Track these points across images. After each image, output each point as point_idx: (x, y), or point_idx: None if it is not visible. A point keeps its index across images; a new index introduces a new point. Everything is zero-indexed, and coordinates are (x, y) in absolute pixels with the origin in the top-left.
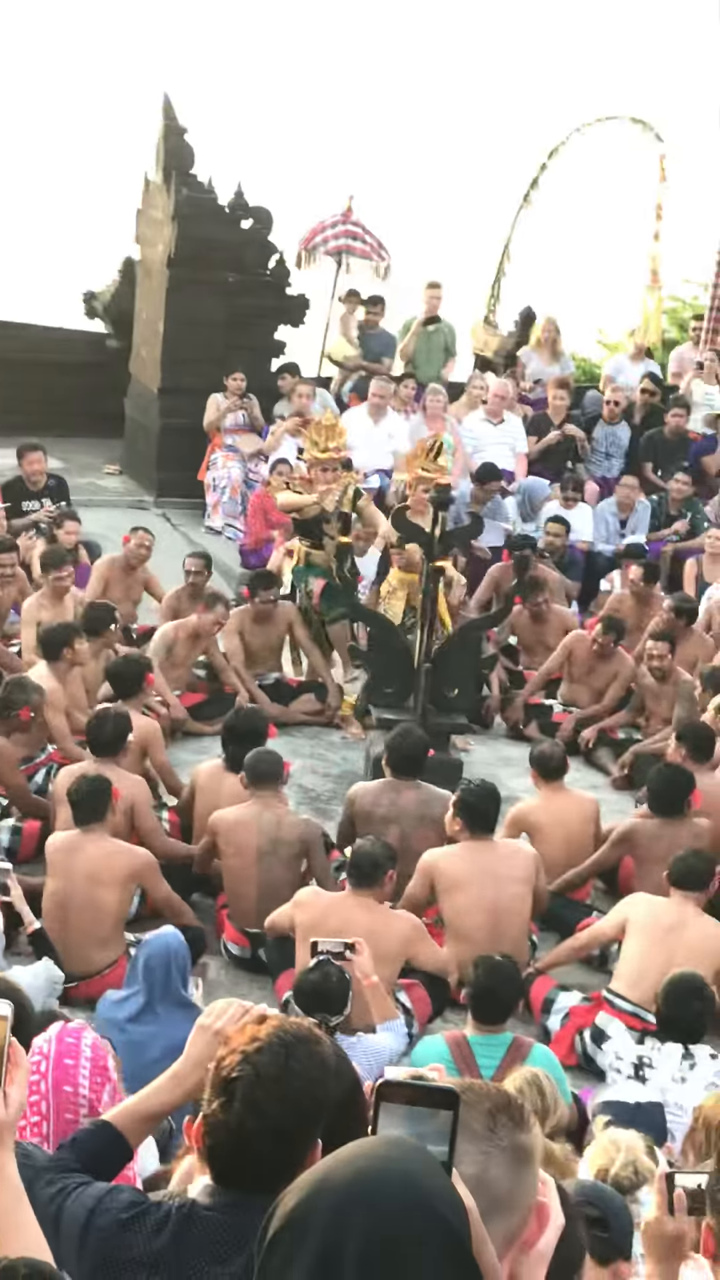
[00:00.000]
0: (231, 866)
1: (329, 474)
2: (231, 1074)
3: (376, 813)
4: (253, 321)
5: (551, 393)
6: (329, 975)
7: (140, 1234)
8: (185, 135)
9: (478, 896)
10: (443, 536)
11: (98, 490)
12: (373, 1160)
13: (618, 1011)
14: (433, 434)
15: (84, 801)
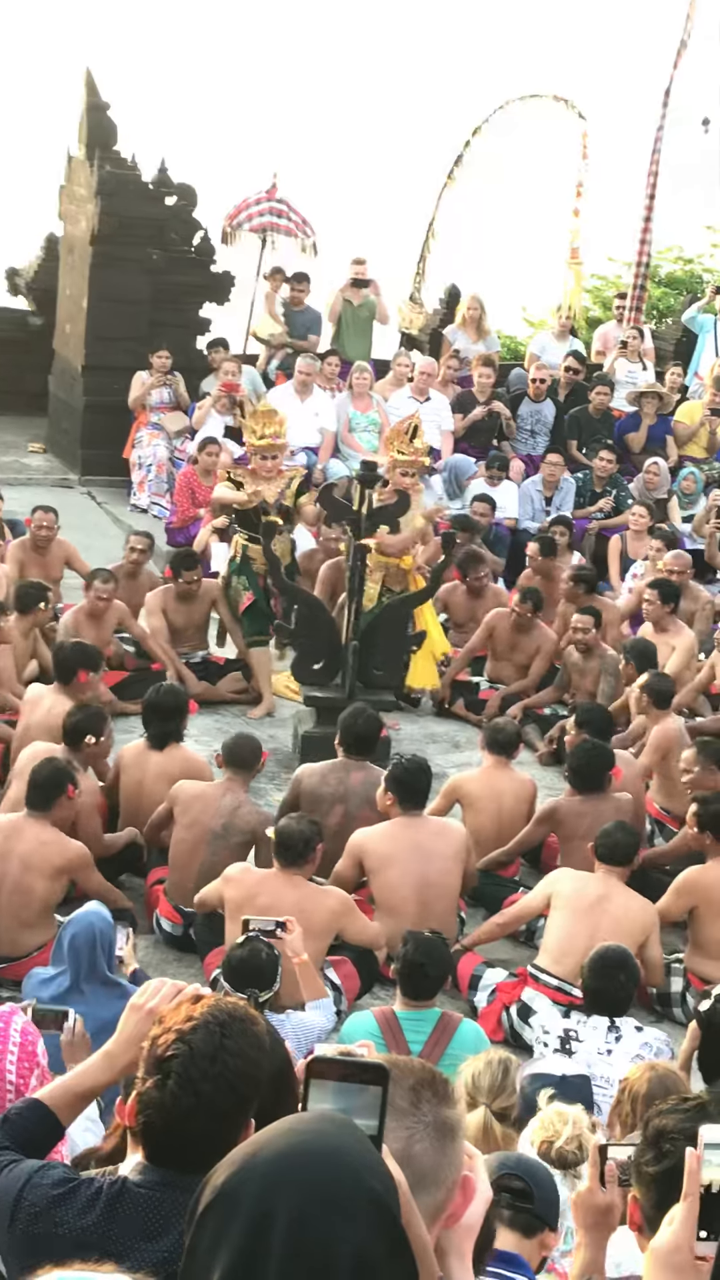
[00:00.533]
0: (181, 839)
1: (268, 461)
2: (166, 1052)
3: (323, 791)
4: (178, 299)
5: (476, 370)
6: (257, 951)
7: (70, 1210)
8: (108, 111)
9: (405, 871)
10: (370, 514)
11: (22, 469)
12: (302, 1135)
13: (543, 986)
14: (408, 417)
15: (40, 785)
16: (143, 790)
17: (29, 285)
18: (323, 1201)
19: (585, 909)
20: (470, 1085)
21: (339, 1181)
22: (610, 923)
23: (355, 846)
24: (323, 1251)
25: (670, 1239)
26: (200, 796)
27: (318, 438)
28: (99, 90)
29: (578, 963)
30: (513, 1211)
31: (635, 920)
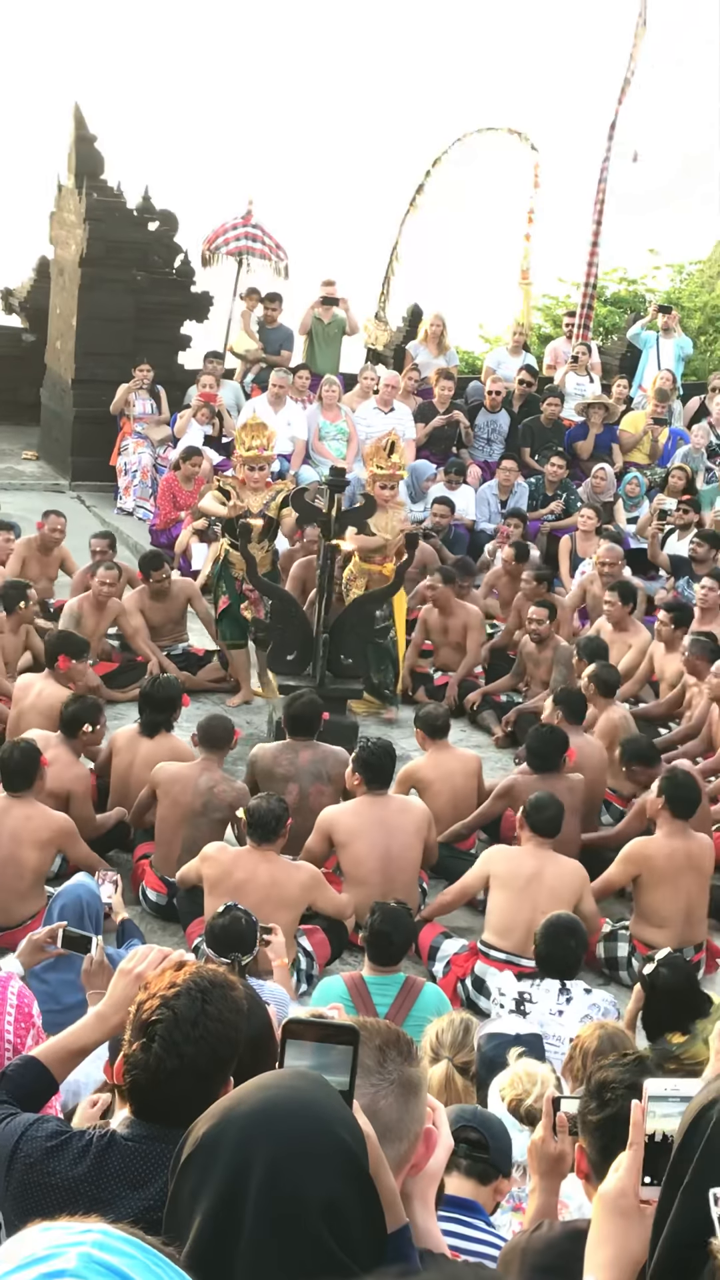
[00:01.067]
0: (165, 817)
1: (256, 472)
2: (151, 1017)
3: (277, 771)
4: (160, 317)
5: (437, 383)
6: (238, 919)
7: (63, 1161)
8: (95, 143)
9: (371, 845)
10: (339, 517)
11: (16, 475)
12: (277, 1090)
13: (493, 961)
14: (386, 433)
15: (15, 770)
16: (131, 774)
17: (22, 304)
18: (295, 1151)
19: (522, 885)
20: (434, 1042)
21: (311, 1133)
22: (547, 894)
23: (325, 822)
24: (295, 1197)
25: (617, 1184)
26: (179, 778)
27: (290, 446)
28: (87, 123)
29: (523, 936)
30: (469, 1161)
31: (569, 886)
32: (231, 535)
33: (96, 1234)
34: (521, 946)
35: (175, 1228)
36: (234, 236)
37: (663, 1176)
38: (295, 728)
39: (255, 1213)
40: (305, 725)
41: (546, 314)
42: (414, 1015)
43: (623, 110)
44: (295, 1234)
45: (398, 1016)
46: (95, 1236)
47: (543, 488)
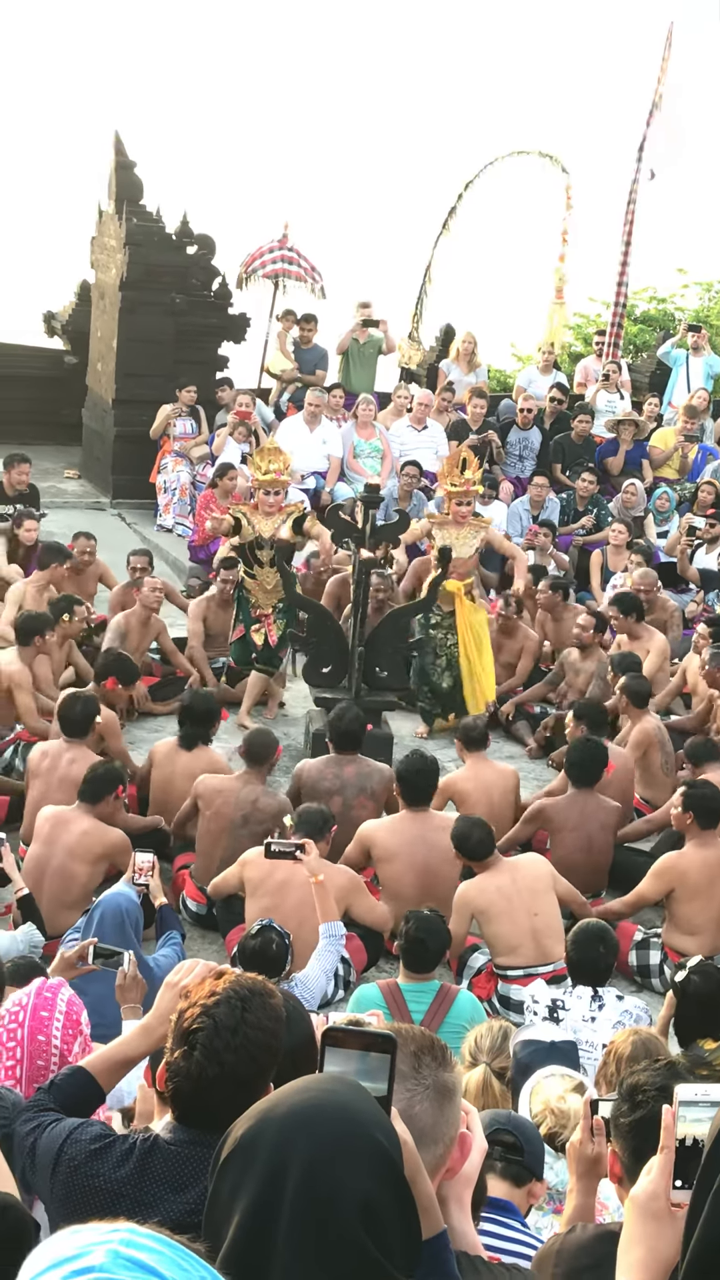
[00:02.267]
0: (206, 829)
1: (270, 497)
2: (192, 1025)
3: (322, 785)
4: (198, 338)
5: (469, 400)
6: (270, 941)
7: (106, 1164)
8: (135, 169)
9: (409, 863)
10: (373, 532)
11: (59, 493)
12: (314, 1093)
13: (513, 979)
14: (458, 449)
15: (94, 781)
16: (171, 786)
17: (64, 327)
18: (332, 1152)
19: (505, 904)
20: (473, 1047)
21: (347, 1135)
22: (528, 895)
23: (365, 836)
24: (331, 1197)
25: (648, 1187)
26: (221, 790)
27: (325, 463)
28: (126, 150)
29: (531, 945)
30: (504, 1163)
31: (540, 876)
32: (245, 564)
33: (124, 1232)
34: (535, 958)
35: (214, 1227)
36: (270, 259)
37: (694, 1180)
38: (341, 742)
39: (292, 1213)
40: (351, 740)
41: (577, 332)
42: (449, 1022)
43: (650, 133)
44: (331, 1234)
45: (433, 1023)
46: (123, 1235)
47: (574, 503)
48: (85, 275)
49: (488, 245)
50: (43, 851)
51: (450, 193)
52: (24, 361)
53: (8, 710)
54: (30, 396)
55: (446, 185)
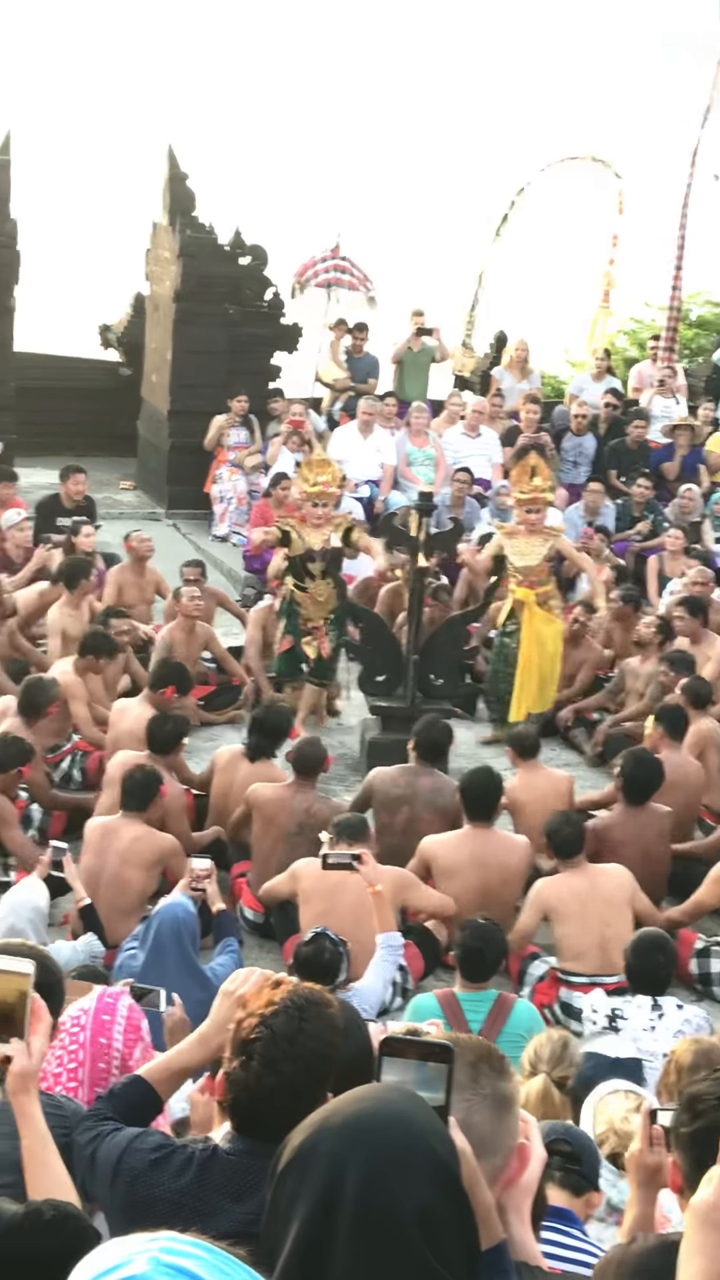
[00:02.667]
0: (260, 838)
1: (320, 509)
2: (250, 1035)
3: (392, 793)
4: (251, 349)
5: (523, 407)
6: (322, 949)
7: (166, 1173)
8: (187, 181)
9: (468, 881)
10: (427, 540)
11: (114, 504)
12: (371, 1102)
13: (577, 986)
14: (527, 458)
15: (136, 789)
16: (231, 794)
17: (119, 339)
18: (389, 1161)
19: (579, 908)
20: (533, 1056)
21: (404, 1144)
22: (603, 905)
23: (425, 851)
24: (389, 1207)
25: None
26: (274, 800)
27: (379, 472)
28: (179, 163)
29: (598, 955)
30: (563, 1173)
31: (621, 888)
32: (295, 577)
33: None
34: (600, 967)
35: (272, 1237)
36: (323, 269)
37: None
38: (424, 752)
39: (350, 1221)
40: (436, 751)
41: (632, 338)
42: (507, 1031)
43: (704, 137)
44: (390, 1241)
45: (490, 1033)
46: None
47: (629, 509)
48: (140, 288)
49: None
50: (95, 861)
51: (503, 199)
52: (80, 374)
53: (63, 721)
54: (86, 408)
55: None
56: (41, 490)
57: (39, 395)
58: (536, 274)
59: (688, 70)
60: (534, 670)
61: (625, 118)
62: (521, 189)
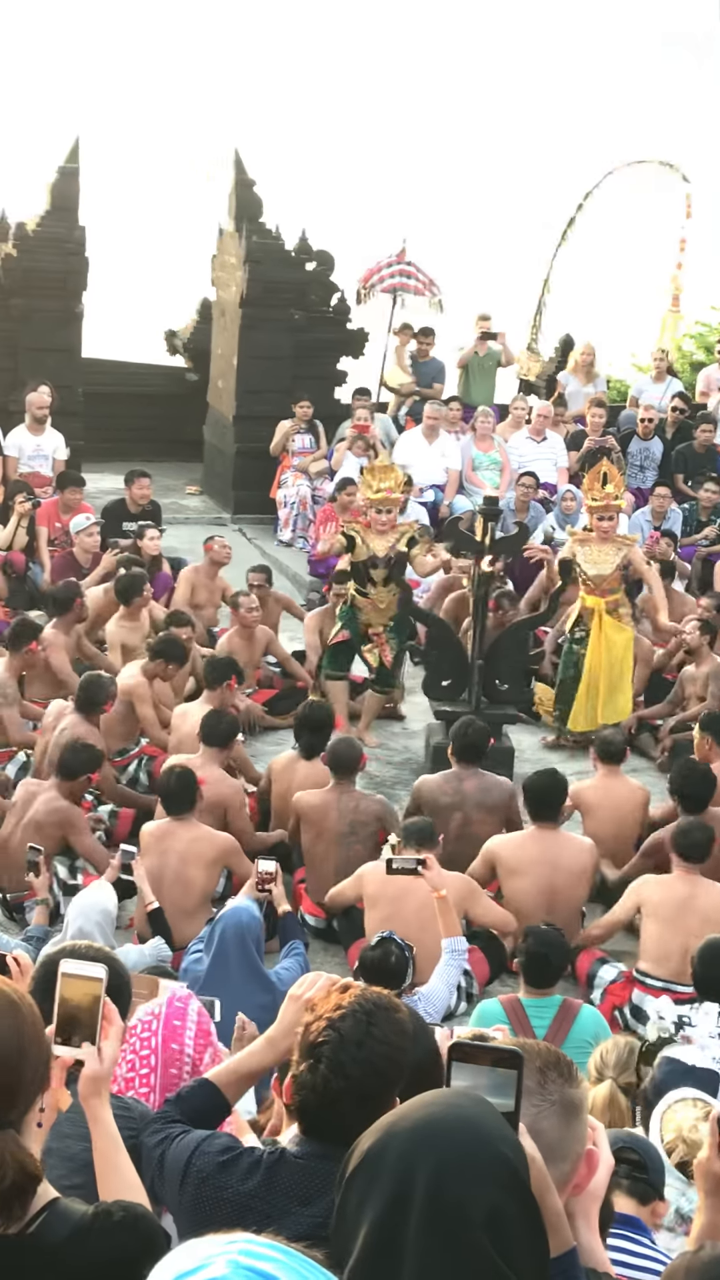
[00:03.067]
0: (311, 844)
1: (384, 515)
2: (318, 1039)
3: (441, 800)
4: (317, 354)
5: (589, 410)
6: (389, 954)
7: (234, 1176)
8: (254, 187)
9: (535, 880)
10: (492, 544)
11: (180, 509)
12: (439, 1106)
13: (650, 989)
14: (599, 465)
15: (173, 793)
16: (289, 797)
17: (185, 345)
18: (458, 1164)
19: (673, 912)
20: (599, 1062)
21: (472, 1148)
22: (699, 920)
23: (490, 852)
24: (458, 1208)
25: None
26: (320, 805)
27: (444, 477)
28: (246, 169)
29: (679, 963)
30: (630, 1181)
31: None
32: (358, 581)
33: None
34: (678, 973)
35: (342, 1240)
36: (389, 274)
37: None
38: (464, 755)
39: (419, 1223)
40: (474, 752)
41: (700, 341)
42: (572, 1037)
43: None
44: (458, 1244)
45: (555, 1038)
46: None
47: (696, 513)
48: (206, 293)
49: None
50: (156, 863)
51: (569, 203)
52: (146, 379)
53: (130, 724)
54: (152, 414)
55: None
56: (108, 495)
57: (106, 401)
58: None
59: None
60: (600, 678)
61: (693, 121)
62: (588, 192)
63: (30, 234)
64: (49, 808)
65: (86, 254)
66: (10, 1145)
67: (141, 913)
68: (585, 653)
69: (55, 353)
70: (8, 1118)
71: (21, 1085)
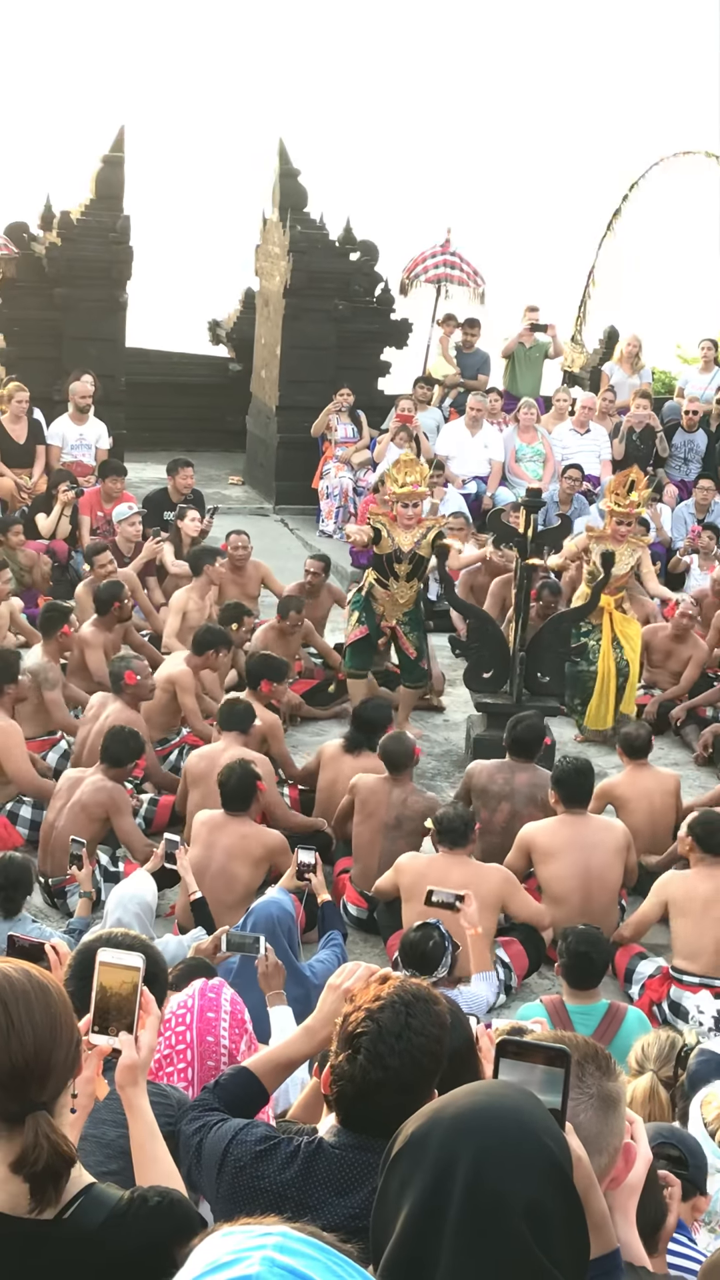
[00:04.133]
0: (361, 833)
1: (410, 509)
2: (357, 1029)
3: (491, 788)
4: (361, 345)
5: (634, 401)
6: (428, 937)
7: (271, 1165)
8: (298, 177)
9: (570, 864)
10: (535, 537)
11: (223, 499)
12: (485, 1096)
13: (687, 985)
14: (628, 470)
15: (235, 791)
16: (334, 788)
17: (228, 335)
18: (500, 1153)
19: (700, 908)
20: (639, 1055)
21: (516, 1138)
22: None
23: (524, 838)
24: (498, 1197)
25: None
26: (375, 792)
27: (487, 468)
28: (290, 158)
29: (713, 957)
30: None
31: None
32: (379, 572)
33: (277, 1236)
34: (713, 968)
35: (382, 1223)
36: (433, 264)
37: None
38: (516, 749)
39: (459, 1210)
40: (526, 748)
41: None
42: (618, 1041)
43: None
44: (496, 1232)
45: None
46: (276, 1239)
47: None
48: (250, 283)
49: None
50: (203, 854)
51: (615, 193)
52: (190, 369)
53: (172, 714)
54: (195, 404)
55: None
56: (149, 485)
57: (149, 390)
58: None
59: None
60: (612, 677)
61: None
62: (634, 183)
63: (75, 223)
64: (95, 787)
65: (131, 243)
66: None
67: (184, 902)
68: (595, 646)
69: (99, 342)
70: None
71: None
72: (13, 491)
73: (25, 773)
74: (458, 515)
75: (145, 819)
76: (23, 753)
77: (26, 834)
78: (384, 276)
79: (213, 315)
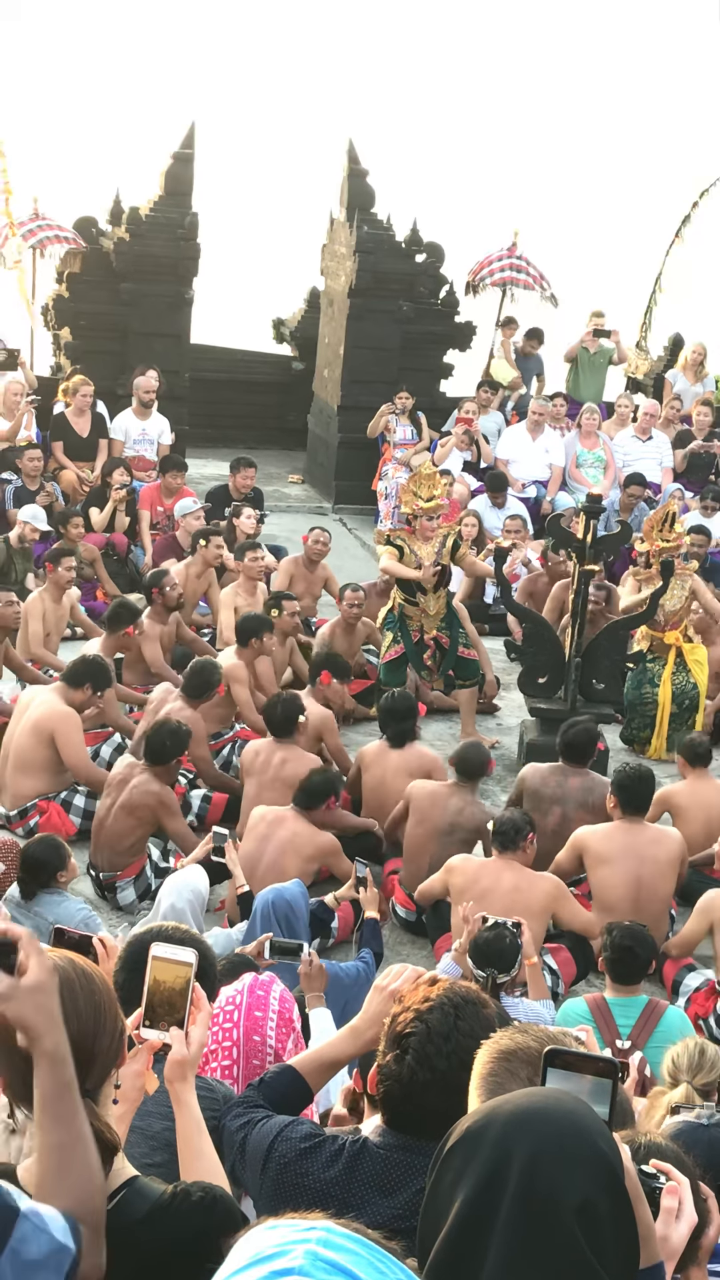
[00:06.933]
0: (414, 835)
1: (432, 522)
2: (405, 1030)
3: (544, 792)
4: (424, 346)
5: (695, 410)
6: (502, 936)
7: (316, 1163)
8: (367, 177)
9: (622, 871)
10: (594, 543)
11: (282, 497)
12: (541, 1098)
13: None
14: (664, 505)
15: (312, 791)
16: (384, 785)
17: (292, 334)
18: (555, 1150)
19: None
20: (671, 1066)
21: (571, 1138)
22: None
23: (578, 840)
24: (551, 1194)
25: None
26: (432, 795)
27: (547, 473)
28: (359, 158)
29: None
30: None
31: None
32: (405, 591)
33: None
34: None
35: (432, 1216)
36: (499, 267)
37: None
38: (569, 754)
39: (511, 1206)
40: (579, 752)
41: None
42: (657, 1036)
43: None
44: (548, 1229)
45: (640, 1037)
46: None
47: None
48: (315, 282)
49: None
50: (255, 848)
51: (685, 200)
52: (253, 367)
53: (226, 709)
54: (258, 401)
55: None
56: (210, 481)
57: (212, 387)
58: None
59: None
60: (669, 703)
61: None
62: (705, 189)
63: (143, 219)
64: (142, 790)
65: (198, 240)
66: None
67: (232, 895)
68: (658, 670)
69: (164, 338)
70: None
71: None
72: (74, 485)
73: (82, 760)
74: (515, 518)
75: (198, 816)
76: (80, 741)
77: (79, 823)
78: (449, 278)
79: (277, 314)
